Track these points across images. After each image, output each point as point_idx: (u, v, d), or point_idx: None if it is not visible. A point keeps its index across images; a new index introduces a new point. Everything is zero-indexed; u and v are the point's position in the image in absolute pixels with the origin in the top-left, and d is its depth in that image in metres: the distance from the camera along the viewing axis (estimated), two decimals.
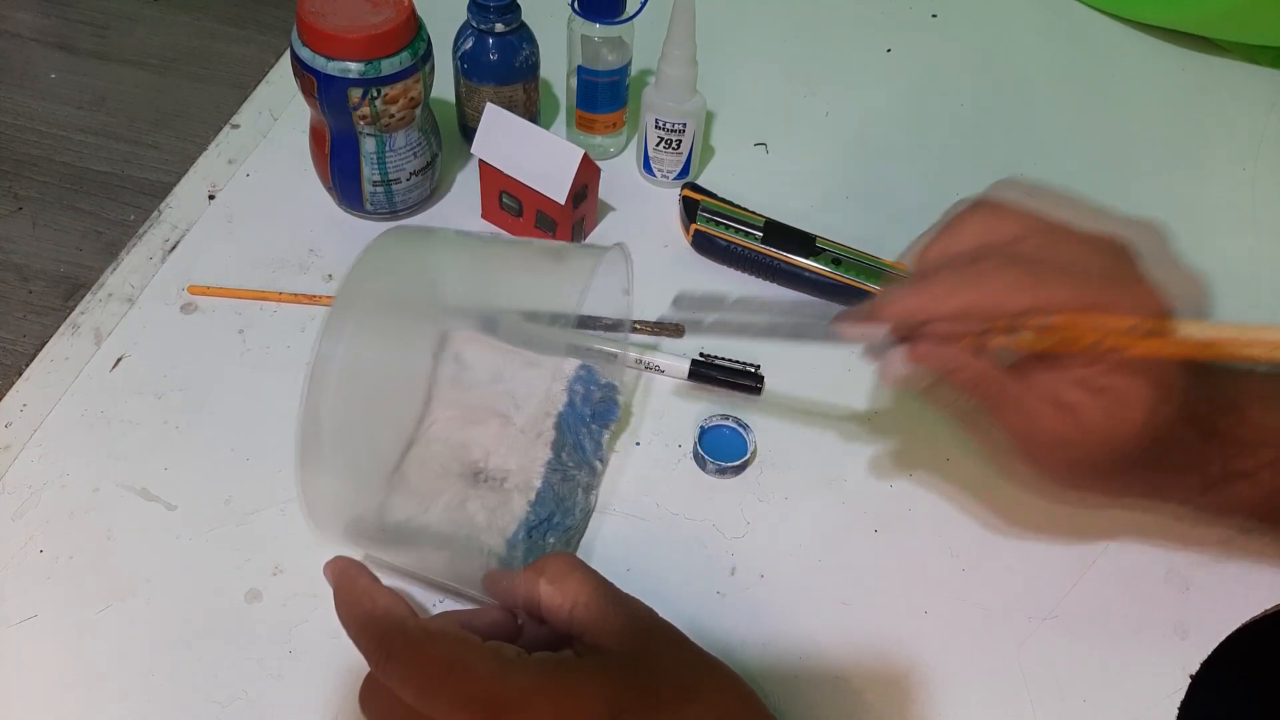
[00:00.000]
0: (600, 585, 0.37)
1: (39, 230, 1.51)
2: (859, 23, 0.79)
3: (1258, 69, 0.77)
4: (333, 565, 0.39)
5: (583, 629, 0.36)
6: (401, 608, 0.36)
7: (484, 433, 0.48)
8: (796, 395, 0.54)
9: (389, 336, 0.46)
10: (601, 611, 0.36)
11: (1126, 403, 0.38)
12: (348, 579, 0.38)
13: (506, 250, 0.51)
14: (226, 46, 1.81)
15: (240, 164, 0.63)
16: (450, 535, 0.45)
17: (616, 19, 0.59)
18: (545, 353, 0.52)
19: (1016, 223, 0.39)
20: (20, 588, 0.44)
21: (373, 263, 0.41)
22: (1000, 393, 0.39)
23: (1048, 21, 0.80)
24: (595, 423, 0.50)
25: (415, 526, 0.45)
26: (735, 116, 0.69)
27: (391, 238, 0.43)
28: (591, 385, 0.50)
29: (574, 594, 0.37)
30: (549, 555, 0.39)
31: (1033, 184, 0.42)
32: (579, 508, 0.47)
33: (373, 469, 0.46)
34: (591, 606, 0.36)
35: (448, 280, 0.51)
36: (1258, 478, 0.42)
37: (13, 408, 0.51)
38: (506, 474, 0.47)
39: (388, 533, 0.45)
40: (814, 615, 0.46)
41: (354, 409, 0.41)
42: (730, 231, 0.59)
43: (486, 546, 0.44)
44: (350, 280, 0.40)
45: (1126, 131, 0.72)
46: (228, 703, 0.42)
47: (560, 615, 0.37)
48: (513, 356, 0.50)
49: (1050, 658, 0.45)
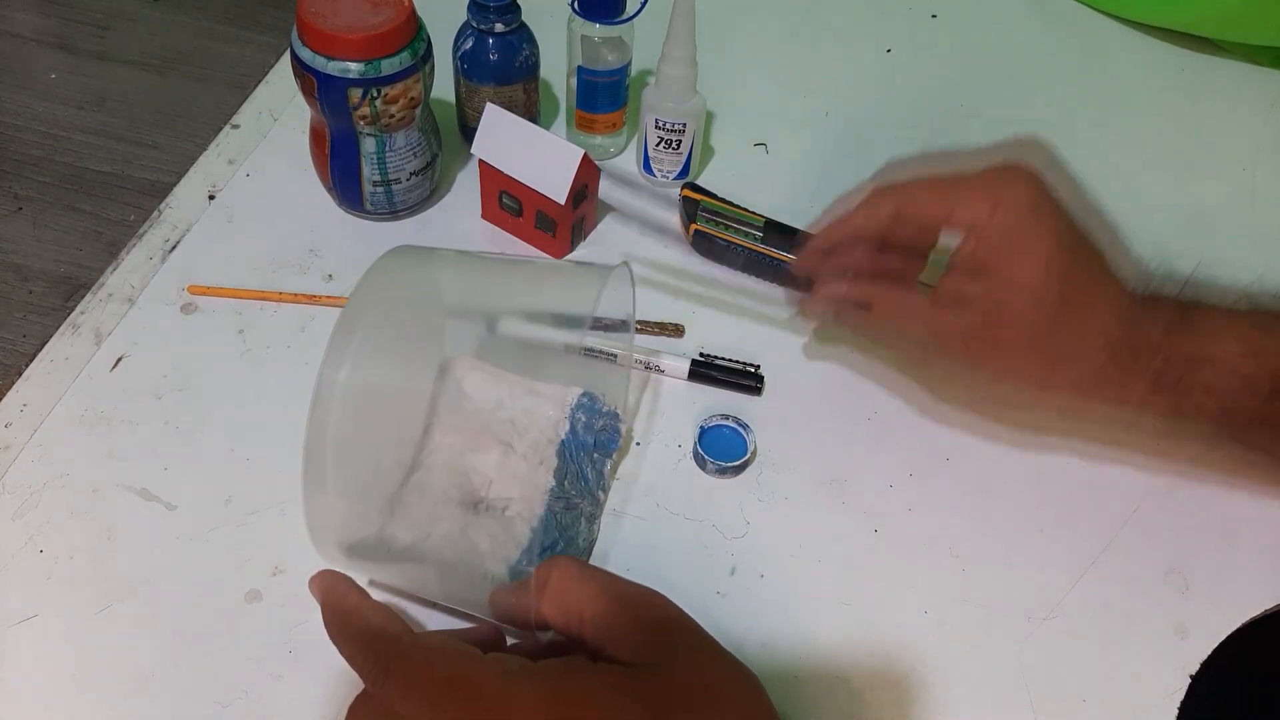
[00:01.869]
0: (607, 592, 0.36)
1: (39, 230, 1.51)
2: (859, 23, 0.79)
3: (1258, 69, 0.77)
4: (319, 580, 0.38)
5: (595, 644, 0.35)
6: (395, 623, 0.35)
7: (485, 460, 0.47)
8: (796, 395, 0.54)
9: (393, 357, 0.46)
10: (611, 623, 0.35)
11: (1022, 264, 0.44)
12: (336, 595, 0.37)
13: (510, 270, 0.50)
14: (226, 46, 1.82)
15: (240, 164, 0.63)
16: (452, 562, 0.45)
17: (616, 19, 0.59)
18: (544, 355, 0.52)
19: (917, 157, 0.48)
20: (20, 588, 0.44)
21: (377, 282, 0.41)
22: (905, 303, 0.47)
23: (1047, 22, 0.80)
24: (598, 451, 0.50)
25: (416, 552, 0.45)
26: (735, 116, 0.69)
27: (395, 257, 0.43)
28: (594, 414, 0.50)
29: (579, 609, 0.35)
30: (551, 563, 0.37)
31: (915, 155, 0.49)
32: (582, 537, 0.47)
33: (374, 490, 0.46)
34: (600, 621, 0.35)
35: (450, 301, 0.50)
36: (1214, 382, 0.44)
37: (13, 408, 0.51)
38: (508, 502, 0.46)
39: (389, 556, 0.45)
40: (814, 615, 0.46)
41: (357, 429, 0.41)
42: (730, 231, 0.59)
43: (490, 573, 0.44)
44: (356, 299, 0.40)
45: (1126, 132, 0.72)
46: (228, 703, 0.42)
47: (570, 632, 0.36)
48: (514, 385, 0.50)
49: (1050, 658, 0.45)
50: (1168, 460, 0.52)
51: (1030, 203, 0.44)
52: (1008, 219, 0.44)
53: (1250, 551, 0.50)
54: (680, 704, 0.33)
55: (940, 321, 0.46)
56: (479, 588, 0.43)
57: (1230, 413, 0.45)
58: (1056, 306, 0.44)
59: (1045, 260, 0.44)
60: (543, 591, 0.36)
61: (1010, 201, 0.44)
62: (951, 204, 0.45)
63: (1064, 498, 0.51)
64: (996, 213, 0.44)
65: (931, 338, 0.48)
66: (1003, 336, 0.45)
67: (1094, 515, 0.50)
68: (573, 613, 0.35)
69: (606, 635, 0.35)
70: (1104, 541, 0.50)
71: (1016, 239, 0.44)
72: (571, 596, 0.36)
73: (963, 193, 0.45)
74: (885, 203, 0.47)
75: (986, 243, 0.44)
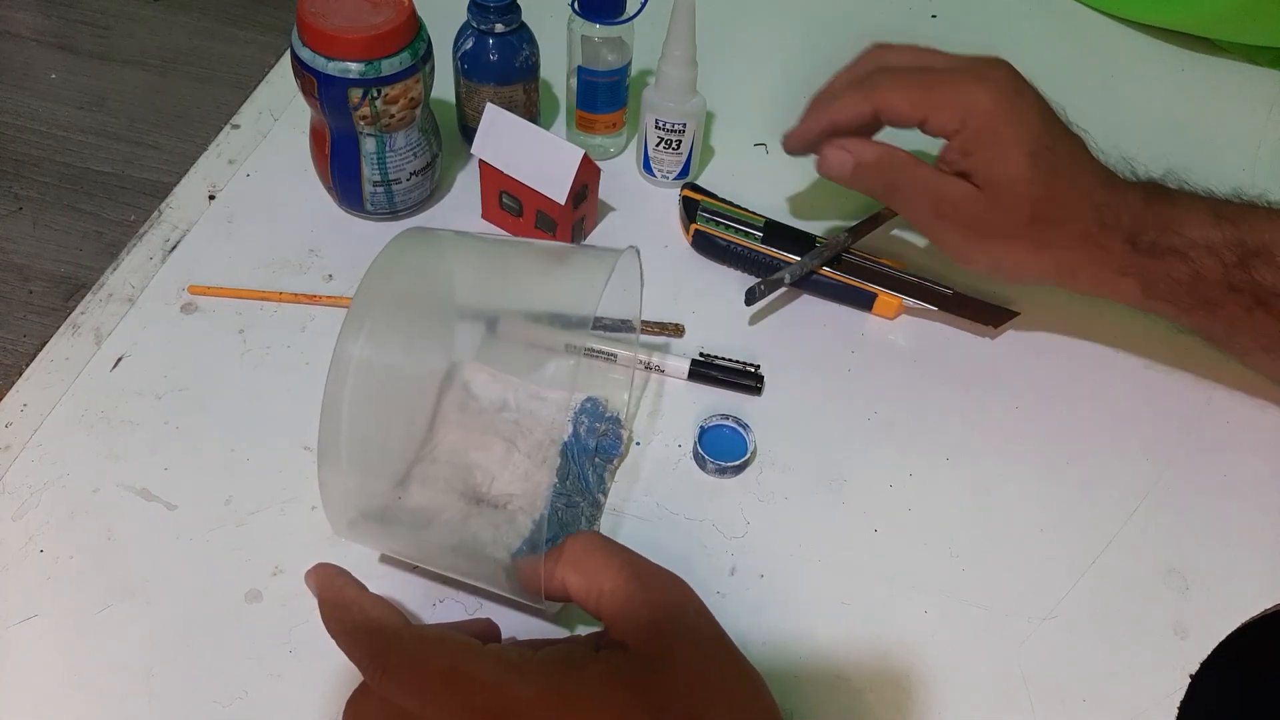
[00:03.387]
0: (626, 568, 0.36)
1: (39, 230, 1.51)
2: (859, 23, 0.78)
3: (1258, 69, 0.77)
4: (315, 574, 0.38)
5: (609, 620, 0.35)
6: (394, 616, 0.35)
7: (488, 457, 0.48)
8: (796, 395, 0.54)
9: (402, 338, 0.46)
10: (626, 601, 0.35)
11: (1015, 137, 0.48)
12: (333, 590, 0.37)
13: (520, 253, 0.51)
14: (226, 46, 1.82)
15: (240, 164, 0.63)
16: (455, 546, 0.45)
17: (617, 19, 0.59)
18: (545, 356, 0.52)
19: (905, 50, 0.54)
20: (20, 588, 0.44)
21: (388, 265, 0.41)
22: (906, 171, 0.51)
23: (1047, 22, 0.80)
24: (599, 456, 0.50)
25: (421, 537, 0.45)
26: (735, 117, 0.69)
27: (405, 240, 0.43)
28: (596, 418, 0.51)
29: (599, 580, 0.35)
30: (577, 535, 0.37)
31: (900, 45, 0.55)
32: None
33: (385, 465, 0.46)
34: (617, 595, 0.35)
35: (460, 284, 0.50)
36: (1186, 248, 0.48)
37: (13, 408, 0.51)
38: (510, 498, 0.47)
39: (397, 532, 0.45)
40: (814, 615, 0.46)
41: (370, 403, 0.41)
42: (730, 232, 0.59)
43: (492, 558, 0.44)
44: (368, 281, 0.40)
45: (1126, 132, 0.71)
46: (228, 703, 0.42)
47: (588, 605, 0.36)
48: (520, 388, 0.50)
49: (1050, 658, 0.45)
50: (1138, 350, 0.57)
51: (1013, 86, 0.49)
52: (995, 99, 0.48)
53: (1250, 551, 0.50)
54: (677, 698, 0.33)
55: (942, 191, 0.50)
56: (484, 566, 0.43)
57: (1198, 285, 0.48)
58: (1049, 173, 0.48)
59: (1035, 133, 0.48)
60: (566, 559, 0.36)
61: (995, 82, 0.49)
62: (926, 109, 0.49)
63: (1064, 497, 0.51)
64: (981, 97, 0.48)
65: (933, 208, 0.51)
66: (1001, 201, 0.49)
67: (1094, 515, 0.51)
68: (593, 583, 0.35)
69: (621, 613, 0.35)
70: (1104, 541, 0.50)
71: (1006, 115, 0.48)
72: (594, 564, 0.36)
73: (937, 95, 0.49)
74: (864, 103, 0.51)
75: (974, 127, 0.48)
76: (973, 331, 0.58)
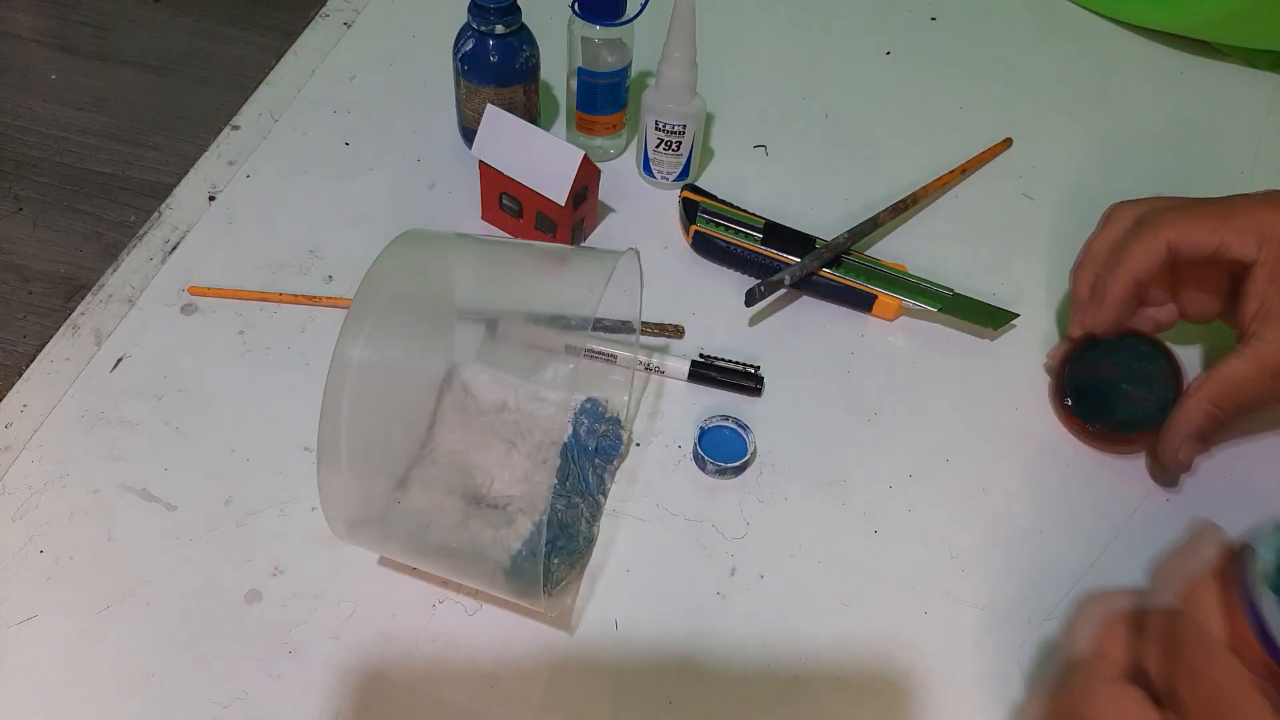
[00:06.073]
0: None
1: (39, 231, 1.51)
2: (858, 25, 0.79)
3: (1256, 73, 0.77)
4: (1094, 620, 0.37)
5: None
6: None
7: (488, 457, 0.48)
8: (796, 395, 0.54)
9: (402, 339, 0.46)
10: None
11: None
12: None
13: (520, 255, 0.51)
14: (227, 47, 1.82)
15: (240, 165, 0.63)
16: (455, 549, 0.45)
17: (616, 21, 0.59)
18: (545, 357, 0.52)
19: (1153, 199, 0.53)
20: (20, 588, 0.44)
21: (389, 266, 0.41)
22: None
23: (1046, 25, 0.80)
24: (599, 457, 0.50)
25: (420, 539, 0.45)
26: (735, 118, 0.69)
27: (405, 241, 0.43)
28: (596, 419, 0.51)
29: None
30: None
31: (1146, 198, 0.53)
32: (582, 535, 0.47)
33: (384, 467, 0.46)
34: None
35: (460, 286, 0.51)
36: None
37: (13, 408, 0.51)
38: (510, 499, 0.47)
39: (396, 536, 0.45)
40: (814, 615, 0.46)
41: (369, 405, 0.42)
42: (730, 233, 0.59)
43: (492, 559, 0.44)
44: (368, 282, 0.40)
45: (1125, 135, 0.72)
46: (228, 703, 0.42)
47: None
48: (519, 389, 0.50)
49: (1050, 658, 0.45)
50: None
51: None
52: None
53: None
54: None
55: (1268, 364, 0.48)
56: (484, 567, 0.43)
57: None
58: None
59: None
60: None
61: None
62: (1223, 234, 0.48)
63: (1064, 498, 0.51)
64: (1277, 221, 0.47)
65: None
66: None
67: (1094, 515, 0.51)
68: None
69: None
70: (1104, 541, 0.50)
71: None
72: None
73: (1233, 222, 0.48)
74: (1156, 241, 0.49)
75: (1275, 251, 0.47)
76: (972, 333, 0.58)
